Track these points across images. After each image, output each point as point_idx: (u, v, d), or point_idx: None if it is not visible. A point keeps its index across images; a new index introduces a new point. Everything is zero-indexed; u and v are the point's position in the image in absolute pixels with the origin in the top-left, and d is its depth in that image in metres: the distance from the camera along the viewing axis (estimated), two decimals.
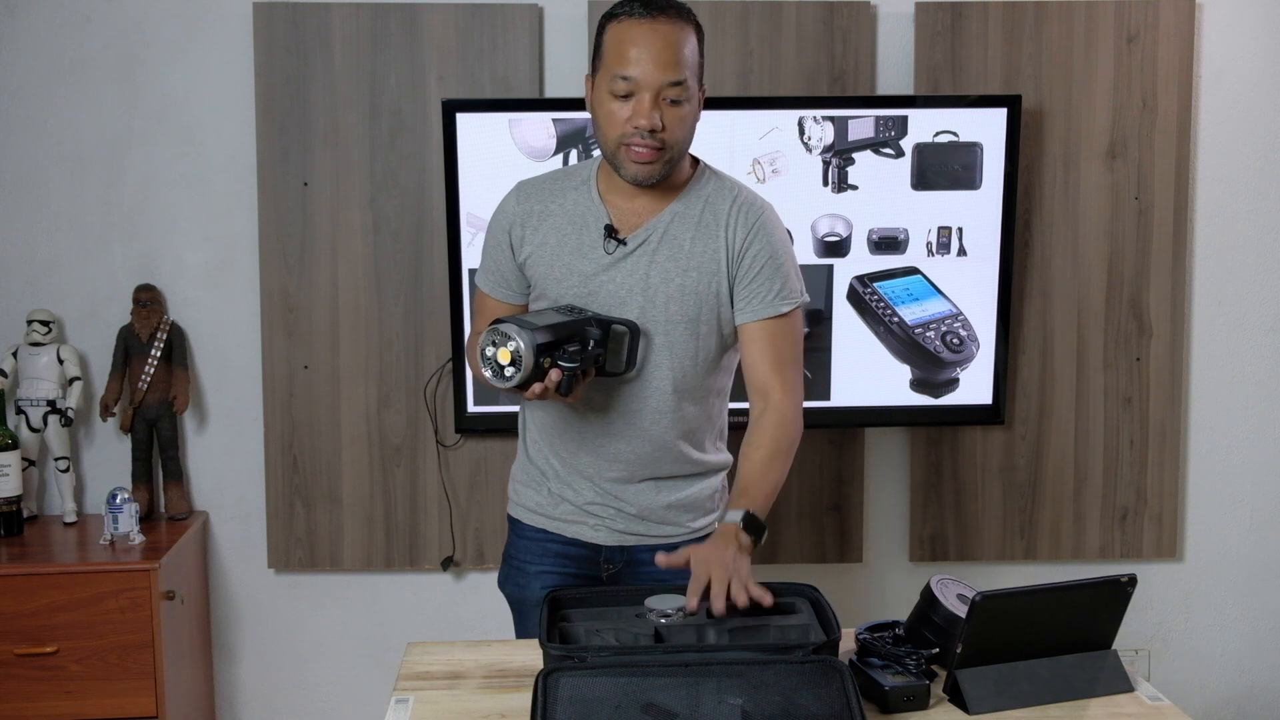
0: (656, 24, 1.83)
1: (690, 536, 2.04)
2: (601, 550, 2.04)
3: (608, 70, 1.85)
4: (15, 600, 2.53)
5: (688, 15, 1.88)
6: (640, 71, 1.82)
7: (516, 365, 1.75)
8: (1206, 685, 3.17)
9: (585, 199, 1.96)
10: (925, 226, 2.80)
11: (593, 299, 1.92)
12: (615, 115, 1.85)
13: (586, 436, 1.99)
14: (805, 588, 1.82)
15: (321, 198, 2.85)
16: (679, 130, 1.86)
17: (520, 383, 1.76)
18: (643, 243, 1.92)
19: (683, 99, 1.85)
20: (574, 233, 1.95)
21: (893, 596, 3.02)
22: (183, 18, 2.84)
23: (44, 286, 2.88)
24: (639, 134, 1.83)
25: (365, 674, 3.01)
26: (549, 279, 1.95)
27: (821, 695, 1.53)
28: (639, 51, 1.82)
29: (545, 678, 1.54)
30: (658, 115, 1.83)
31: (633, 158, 1.86)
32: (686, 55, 1.85)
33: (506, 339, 1.75)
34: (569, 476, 2.03)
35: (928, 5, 2.88)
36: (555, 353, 1.77)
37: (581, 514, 2.03)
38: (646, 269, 1.92)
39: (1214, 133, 2.99)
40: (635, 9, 1.84)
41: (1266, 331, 3.07)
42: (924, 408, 2.89)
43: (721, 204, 1.95)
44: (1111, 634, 1.79)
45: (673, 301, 1.92)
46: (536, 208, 1.98)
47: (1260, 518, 3.13)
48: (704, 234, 1.93)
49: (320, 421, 2.91)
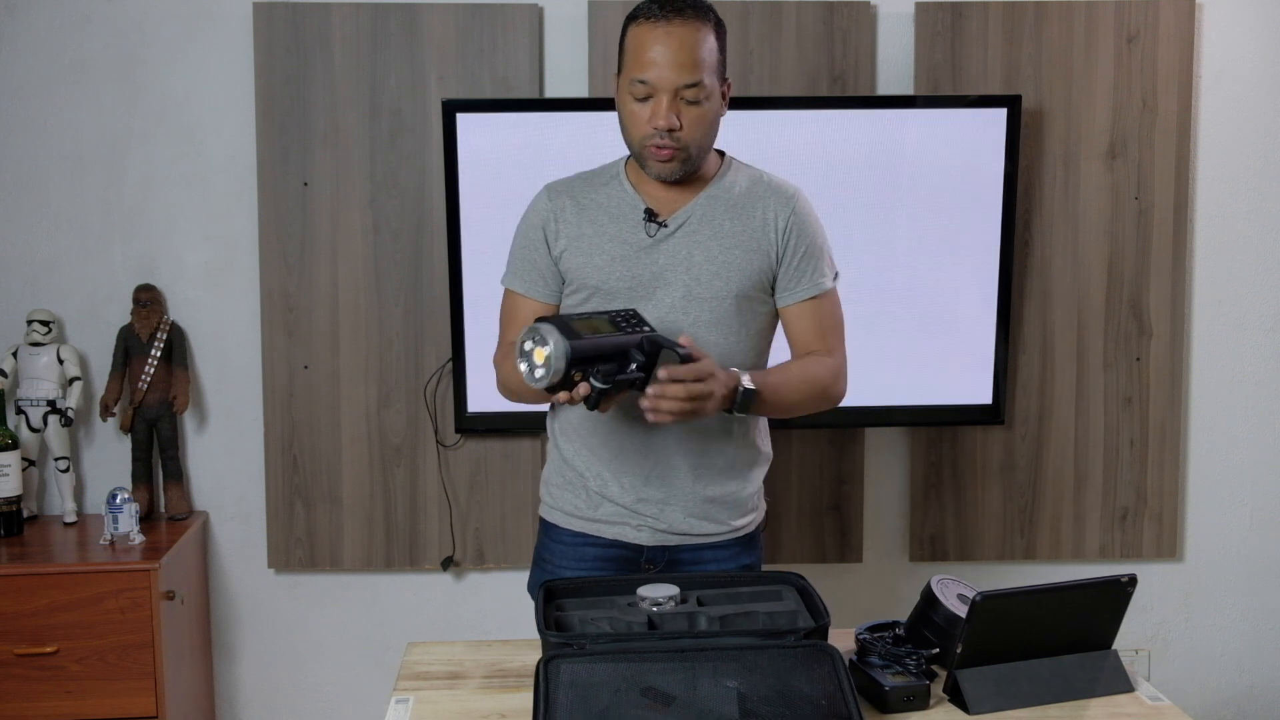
0: (672, 26, 1.84)
1: (732, 536, 2.04)
2: (644, 551, 2.02)
3: (628, 73, 1.89)
4: (15, 600, 2.53)
5: (706, 14, 1.89)
6: (656, 74, 1.85)
7: (547, 369, 1.71)
8: (1206, 685, 3.17)
9: (619, 191, 1.99)
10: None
11: (637, 279, 1.94)
12: (637, 116, 1.89)
13: (635, 429, 1.97)
14: (792, 576, 1.85)
15: (321, 198, 2.85)
16: (697, 129, 1.89)
17: (547, 387, 1.73)
18: (683, 223, 1.95)
19: (700, 99, 1.87)
20: (611, 222, 1.97)
21: (893, 596, 3.02)
22: (183, 18, 2.84)
23: (44, 286, 2.88)
24: (658, 134, 1.87)
25: (365, 674, 3.01)
26: (589, 267, 1.96)
27: (814, 678, 1.58)
28: (655, 54, 1.84)
29: (546, 665, 1.57)
30: (675, 116, 1.86)
31: (654, 156, 1.89)
32: (703, 56, 1.86)
33: (545, 340, 1.71)
34: (610, 475, 2.01)
35: (928, 5, 2.88)
36: (589, 367, 1.72)
37: (624, 514, 2.01)
38: (689, 248, 1.95)
39: (1214, 133, 2.99)
40: (653, 10, 1.86)
41: (1266, 331, 3.07)
42: (924, 408, 2.89)
43: (755, 188, 2.00)
44: (1111, 634, 1.79)
45: (718, 278, 1.94)
46: (569, 201, 2.00)
47: (1260, 518, 3.13)
48: (742, 215, 1.97)
49: (320, 421, 2.91)
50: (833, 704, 1.55)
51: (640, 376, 1.75)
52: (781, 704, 1.54)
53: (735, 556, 2.05)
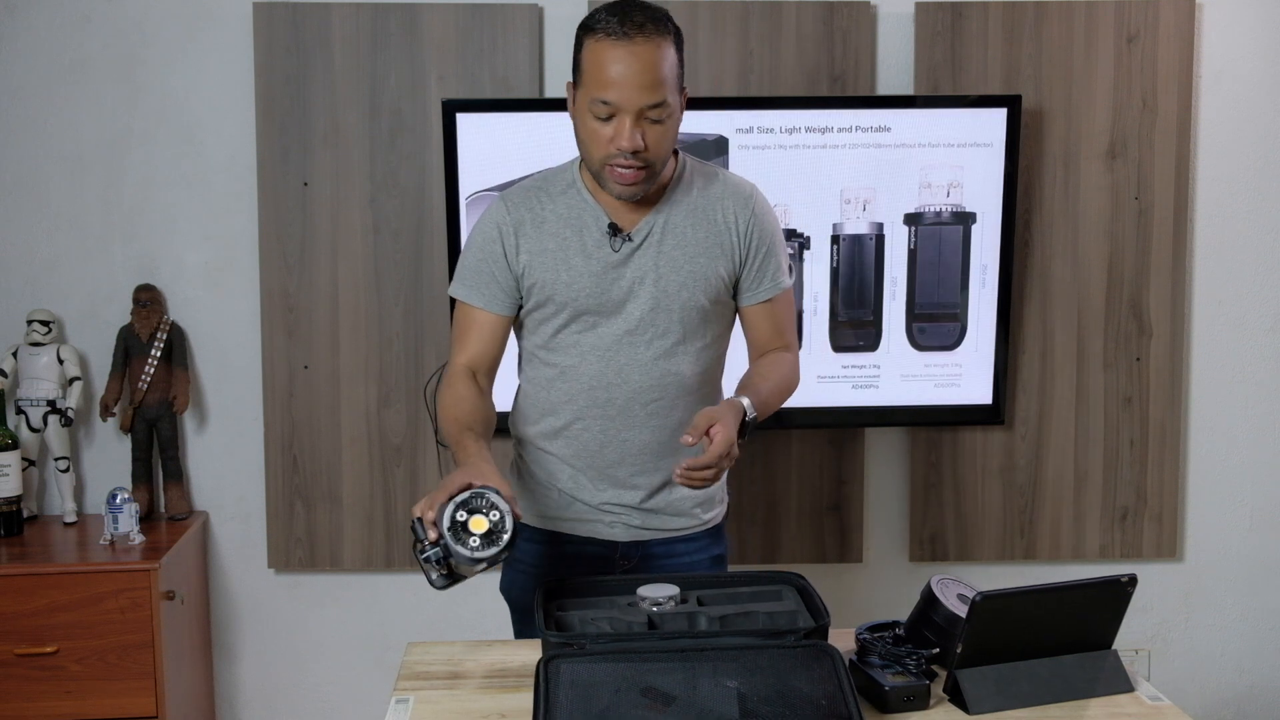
0: (634, 45, 1.79)
1: (702, 528, 2.08)
2: (618, 547, 2.05)
3: (587, 90, 1.84)
4: (15, 600, 2.53)
5: (664, 27, 1.84)
6: (619, 95, 1.81)
7: (494, 539, 1.63)
8: (1206, 685, 3.17)
9: (577, 200, 1.96)
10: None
11: (606, 295, 1.94)
12: (598, 134, 1.85)
13: (609, 432, 1.99)
14: (792, 575, 1.86)
15: (321, 198, 2.85)
16: (661, 146, 1.86)
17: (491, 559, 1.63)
18: (647, 235, 1.94)
19: (663, 117, 1.84)
20: (574, 235, 1.95)
21: (893, 596, 3.02)
22: (183, 18, 2.84)
23: (44, 286, 2.88)
24: (622, 155, 1.83)
25: (365, 674, 3.01)
26: (556, 283, 1.95)
27: (813, 677, 1.58)
28: (616, 74, 1.80)
29: (546, 664, 1.58)
30: (639, 135, 1.82)
31: (617, 179, 1.86)
32: (665, 74, 1.82)
33: (492, 507, 1.64)
34: (581, 476, 2.03)
35: (928, 5, 2.88)
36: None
37: (596, 512, 2.04)
38: (655, 260, 1.94)
39: (1214, 133, 2.99)
40: (612, 26, 1.81)
41: (1266, 331, 3.07)
42: (924, 408, 2.89)
43: (713, 189, 1.99)
44: (1111, 634, 1.79)
45: (685, 288, 1.95)
46: (527, 215, 1.97)
47: (1260, 518, 3.13)
48: (703, 219, 1.96)
49: (320, 421, 2.91)
50: (833, 704, 1.55)
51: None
52: (781, 704, 1.54)
53: (706, 548, 2.09)
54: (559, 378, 2.00)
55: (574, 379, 1.98)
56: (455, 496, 1.66)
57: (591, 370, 1.97)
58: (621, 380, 1.96)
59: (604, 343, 1.96)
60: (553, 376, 2.00)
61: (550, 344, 1.99)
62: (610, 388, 1.97)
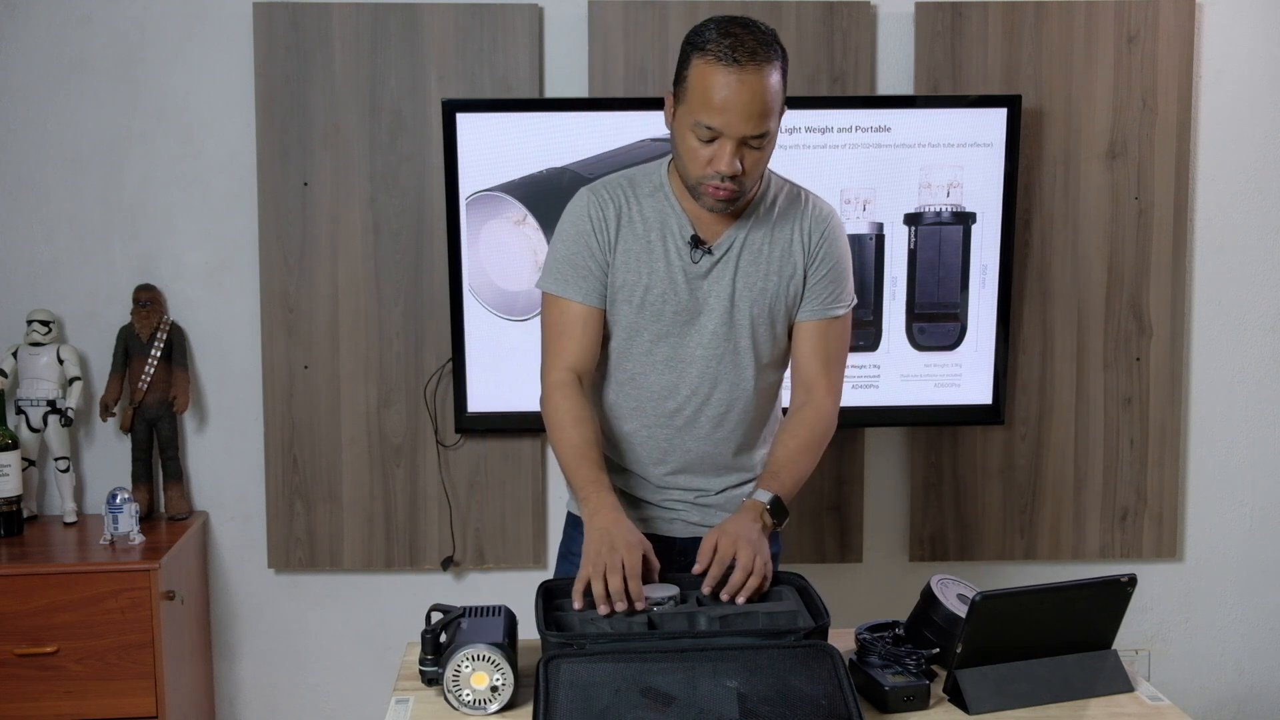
0: (744, 74, 1.76)
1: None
2: (675, 543, 2.04)
3: (691, 111, 1.81)
4: (15, 600, 2.53)
5: (773, 52, 1.80)
6: (724, 123, 1.79)
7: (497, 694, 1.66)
8: (1206, 685, 3.17)
9: (664, 204, 1.95)
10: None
11: (682, 305, 1.94)
12: (697, 154, 1.83)
13: (673, 442, 2.00)
14: (792, 576, 1.87)
15: (321, 198, 2.85)
16: (757, 169, 1.87)
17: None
18: (727, 250, 1.94)
19: (764, 145, 1.84)
20: (659, 239, 1.94)
21: (893, 596, 3.01)
22: (183, 18, 2.84)
23: (44, 286, 2.88)
24: (719, 177, 1.83)
25: (365, 674, 3.01)
26: (636, 285, 1.94)
27: (813, 677, 1.59)
28: (724, 101, 1.77)
29: (546, 664, 1.58)
30: (739, 162, 1.82)
31: (711, 195, 1.86)
32: (770, 103, 1.80)
33: (497, 667, 1.65)
34: (641, 478, 2.04)
35: (928, 5, 2.88)
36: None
37: (655, 509, 2.04)
38: (732, 276, 1.94)
39: (1214, 133, 2.99)
40: (723, 49, 1.76)
41: (1266, 331, 3.07)
42: (924, 408, 2.89)
43: (793, 209, 1.98)
44: (1111, 634, 1.79)
45: (755, 304, 1.95)
46: (613, 211, 1.95)
47: (1260, 518, 3.13)
48: (780, 238, 1.96)
49: (320, 421, 2.91)
50: (833, 704, 1.55)
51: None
52: (781, 704, 1.54)
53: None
54: (628, 383, 2.00)
55: (642, 387, 1.99)
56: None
57: (662, 381, 1.97)
58: (691, 393, 1.97)
59: (676, 354, 1.96)
60: (622, 381, 2.00)
61: (624, 350, 1.99)
62: (677, 399, 1.98)
